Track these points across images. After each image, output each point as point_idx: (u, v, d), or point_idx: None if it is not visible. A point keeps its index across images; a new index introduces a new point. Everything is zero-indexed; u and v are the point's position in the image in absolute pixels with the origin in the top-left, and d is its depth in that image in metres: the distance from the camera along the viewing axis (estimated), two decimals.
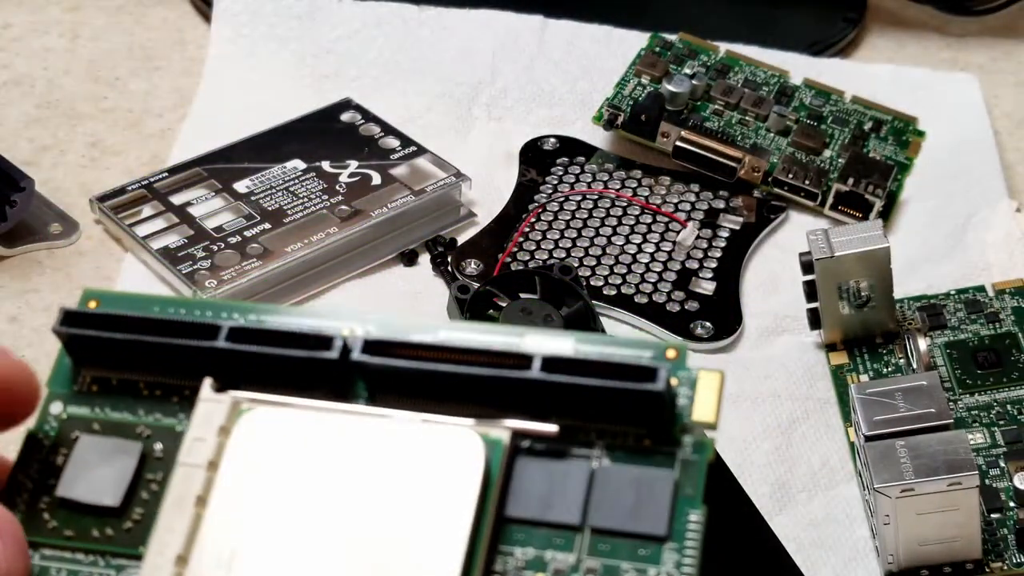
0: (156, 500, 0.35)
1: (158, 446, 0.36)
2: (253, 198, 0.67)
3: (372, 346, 0.35)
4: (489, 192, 0.69)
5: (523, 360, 0.34)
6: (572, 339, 0.35)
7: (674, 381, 0.34)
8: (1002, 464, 0.55)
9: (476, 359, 0.35)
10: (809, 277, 0.59)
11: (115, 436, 0.36)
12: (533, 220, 0.67)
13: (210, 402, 0.35)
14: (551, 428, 0.34)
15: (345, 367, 0.35)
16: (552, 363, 0.34)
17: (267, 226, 0.65)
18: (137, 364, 0.37)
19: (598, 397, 0.34)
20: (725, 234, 0.67)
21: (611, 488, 0.34)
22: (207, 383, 0.36)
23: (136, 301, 0.38)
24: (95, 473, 0.36)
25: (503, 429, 0.34)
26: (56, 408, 0.37)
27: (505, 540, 0.33)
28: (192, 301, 0.38)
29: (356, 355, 0.35)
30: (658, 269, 0.65)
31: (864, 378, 0.59)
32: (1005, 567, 0.52)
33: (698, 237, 0.67)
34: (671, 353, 0.35)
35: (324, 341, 0.35)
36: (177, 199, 0.67)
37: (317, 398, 0.35)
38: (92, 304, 0.38)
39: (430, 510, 0.33)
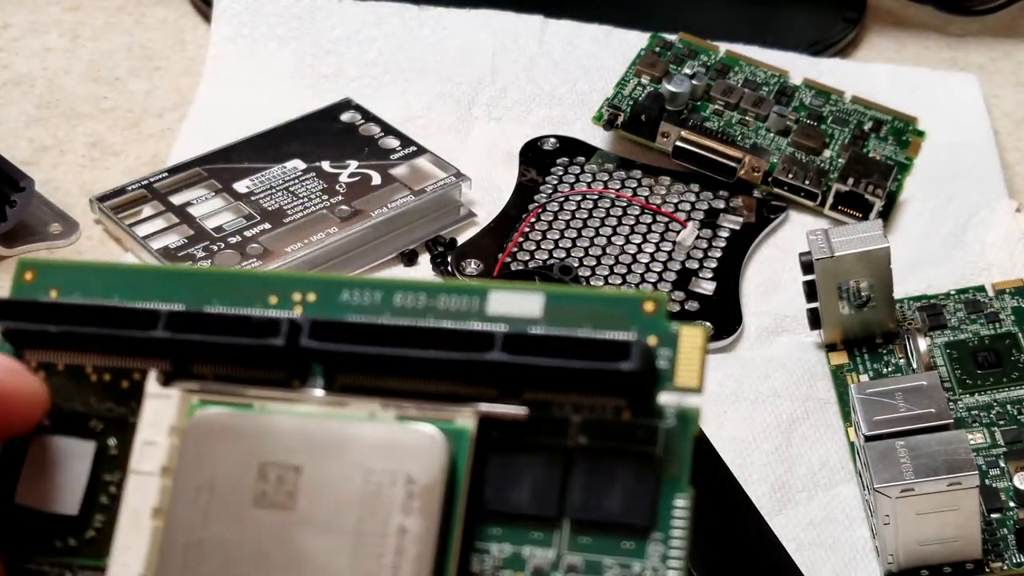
0: (116, 504, 0.33)
1: (112, 441, 0.34)
2: (253, 198, 0.67)
3: (320, 329, 0.33)
4: (489, 192, 0.69)
5: (484, 340, 0.31)
6: (541, 298, 0.32)
7: (652, 340, 0.31)
8: (1002, 464, 0.55)
9: (434, 338, 0.32)
10: (809, 277, 0.59)
11: (67, 433, 0.34)
12: (533, 220, 0.67)
13: (157, 399, 0.33)
14: (520, 411, 0.32)
15: (295, 352, 0.33)
16: (514, 342, 0.31)
17: (267, 226, 0.65)
18: (80, 347, 0.34)
19: (567, 375, 0.31)
20: (725, 234, 0.67)
21: (590, 474, 0.31)
22: (152, 377, 0.33)
23: (74, 271, 0.35)
24: (51, 479, 0.34)
25: (469, 416, 0.32)
26: None
27: (481, 537, 0.31)
28: (133, 269, 0.35)
29: (304, 340, 0.32)
30: (658, 269, 0.65)
31: (864, 378, 0.59)
32: (1005, 567, 0.52)
33: (698, 237, 0.67)
34: (649, 307, 0.32)
35: (270, 326, 0.33)
36: (177, 199, 0.67)
37: (273, 379, 0.33)
38: (28, 276, 0.35)
39: (392, 511, 0.31)
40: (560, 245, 0.66)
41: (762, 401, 0.59)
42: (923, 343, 0.58)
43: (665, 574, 0.30)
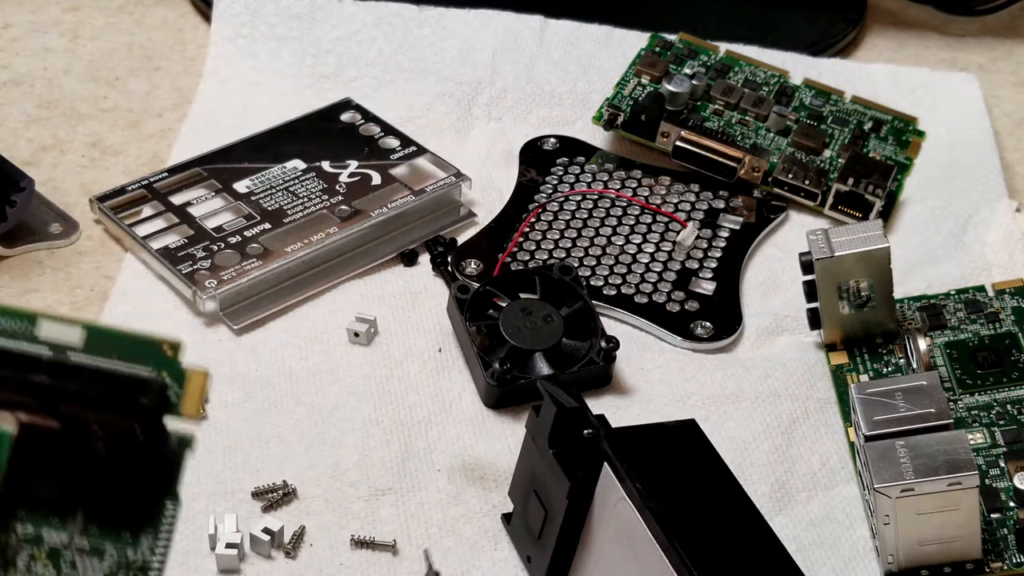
0: None
1: None
2: (253, 198, 0.67)
3: None
4: (489, 192, 0.69)
5: (31, 362, 0.38)
6: (81, 331, 0.38)
7: (166, 376, 0.38)
8: (1002, 464, 0.55)
9: None
10: (809, 277, 0.59)
11: None
12: (533, 220, 0.67)
13: None
14: (53, 423, 0.38)
15: None
16: (56, 368, 0.38)
17: (267, 226, 0.65)
18: None
19: (97, 399, 0.38)
20: (725, 234, 0.67)
21: (105, 478, 0.39)
22: None
23: None
24: None
25: (10, 422, 0.38)
26: None
27: (10, 518, 0.38)
28: None
29: None
30: (658, 269, 0.65)
31: (864, 378, 0.59)
32: (1005, 567, 0.52)
33: (698, 237, 0.67)
34: (168, 349, 0.38)
35: None
36: (177, 199, 0.67)
37: None
38: None
39: None
40: (560, 245, 0.66)
41: (762, 401, 0.59)
42: (923, 343, 0.58)
43: (151, 561, 0.39)
